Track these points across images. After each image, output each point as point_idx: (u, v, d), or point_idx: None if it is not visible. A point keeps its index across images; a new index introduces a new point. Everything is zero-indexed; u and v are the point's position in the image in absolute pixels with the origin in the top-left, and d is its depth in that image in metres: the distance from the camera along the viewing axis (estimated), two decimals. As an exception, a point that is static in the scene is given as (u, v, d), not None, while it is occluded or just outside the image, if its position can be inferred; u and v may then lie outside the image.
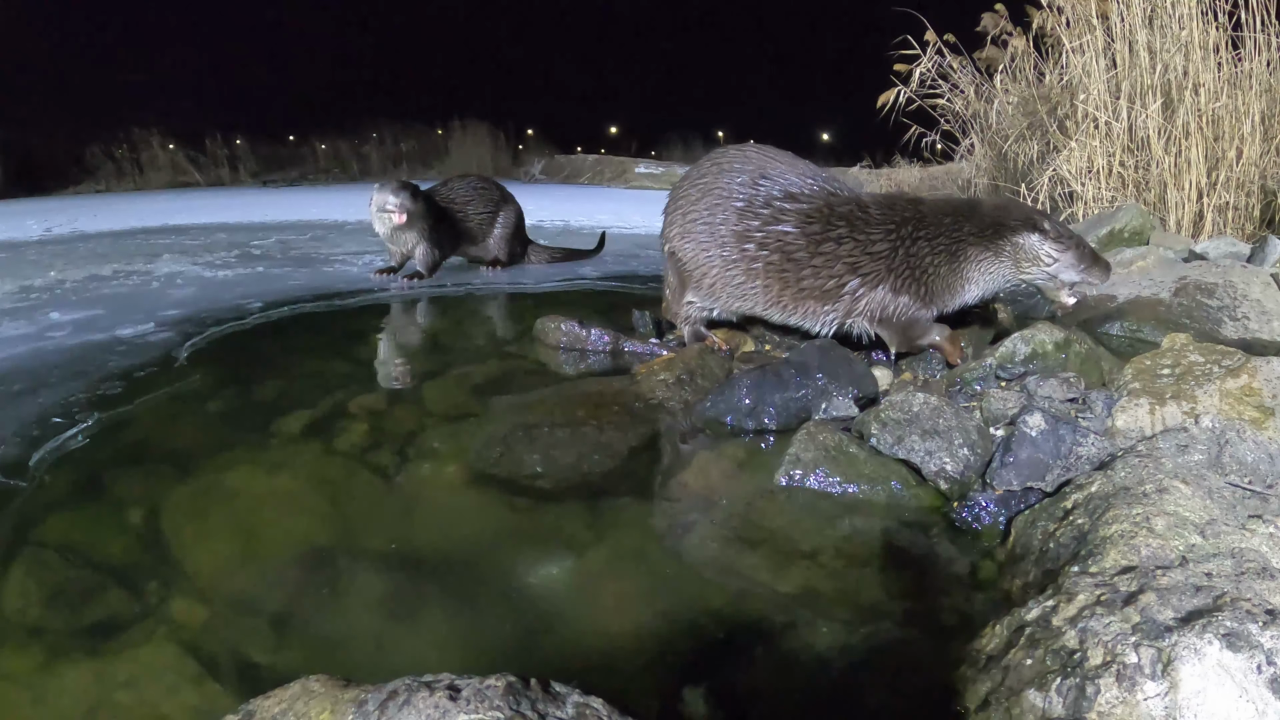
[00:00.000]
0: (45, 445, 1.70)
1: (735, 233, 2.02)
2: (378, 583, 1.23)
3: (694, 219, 2.10)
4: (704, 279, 2.12)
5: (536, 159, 15.85)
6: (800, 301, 2.00)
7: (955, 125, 4.66)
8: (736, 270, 2.05)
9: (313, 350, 2.54)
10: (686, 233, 2.13)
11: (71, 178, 12.36)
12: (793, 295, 2.00)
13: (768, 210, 1.98)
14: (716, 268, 2.08)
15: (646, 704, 0.96)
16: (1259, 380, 1.50)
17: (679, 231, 2.15)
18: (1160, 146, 3.43)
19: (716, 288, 2.11)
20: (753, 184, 2.01)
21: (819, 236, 1.94)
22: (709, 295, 2.15)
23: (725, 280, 2.08)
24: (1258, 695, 0.78)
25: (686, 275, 2.16)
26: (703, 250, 2.09)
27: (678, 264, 2.17)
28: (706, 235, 2.07)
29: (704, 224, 2.08)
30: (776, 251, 1.98)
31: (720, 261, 2.07)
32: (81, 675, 1.03)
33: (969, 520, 1.41)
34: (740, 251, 2.02)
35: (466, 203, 3.92)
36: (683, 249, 2.14)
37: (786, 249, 1.97)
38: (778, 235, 1.97)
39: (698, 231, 2.09)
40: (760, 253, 2.00)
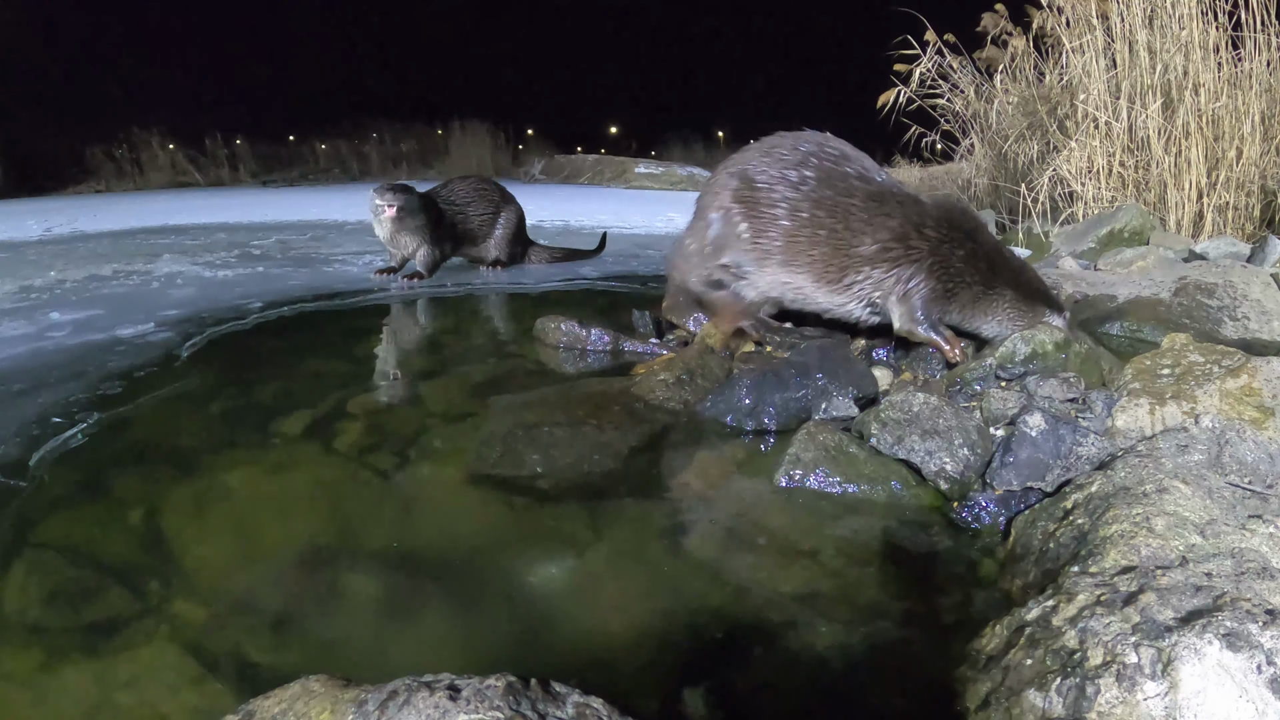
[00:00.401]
0: (45, 445, 1.70)
1: (812, 200, 2.06)
2: (378, 583, 1.23)
3: (766, 183, 2.11)
4: (764, 243, 2.11)
5: (536, 159, 15.85)
6: (845, 271, 2.03)
7: (955, 125, 4.66)
8: (802, 237, 2.07)
9: (313, 350, 2.54)
10: (755, 195, 2.12)
11: (71, 178, 12.37)
12: (840, 264, 2.03)
13: (844, 183, 2.06)
14: (782, 234, 2.09)
15: (646, 704, 0.96)
16: (1259, 380, 1.50)
17: (746, 195, 2.14)
18: (1160, 146, 3.43)
19: (775, 257, 2.11)
20: (837, 160, 2.09)
21: (879, 211, 2.02)
22: (760, 263, 2.14)
23: (787, 249, 2.09)
24: (1258, 695, 0.78)
25: (735, 235, 2.15)
26: (771, 214, 2.10)
27: (729, 222, 2.16)
28: (779, 200, 2.09)
29: (778, 190, 2.09)
30: (842, 220, 2.04)
31: (788, 226, 2.08)
32: (81, 675, 1.03)
33: (969, 520, 1.41)
34: (812, 218, 2.06)
35: (467, 204, 3.93)
36: (745, 211, 2.13)
37: (850, 219, 2.03)
38: (847, 206, 2.03)
39: (770, 195, 2.10)
40: (828, 220, 2.04)
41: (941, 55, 4.47)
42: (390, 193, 3.55)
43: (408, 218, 3.58)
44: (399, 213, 3.53)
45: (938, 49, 4.44)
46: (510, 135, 16.01)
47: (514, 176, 14.52)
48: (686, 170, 13.10)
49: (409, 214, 3.57)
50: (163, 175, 13.19)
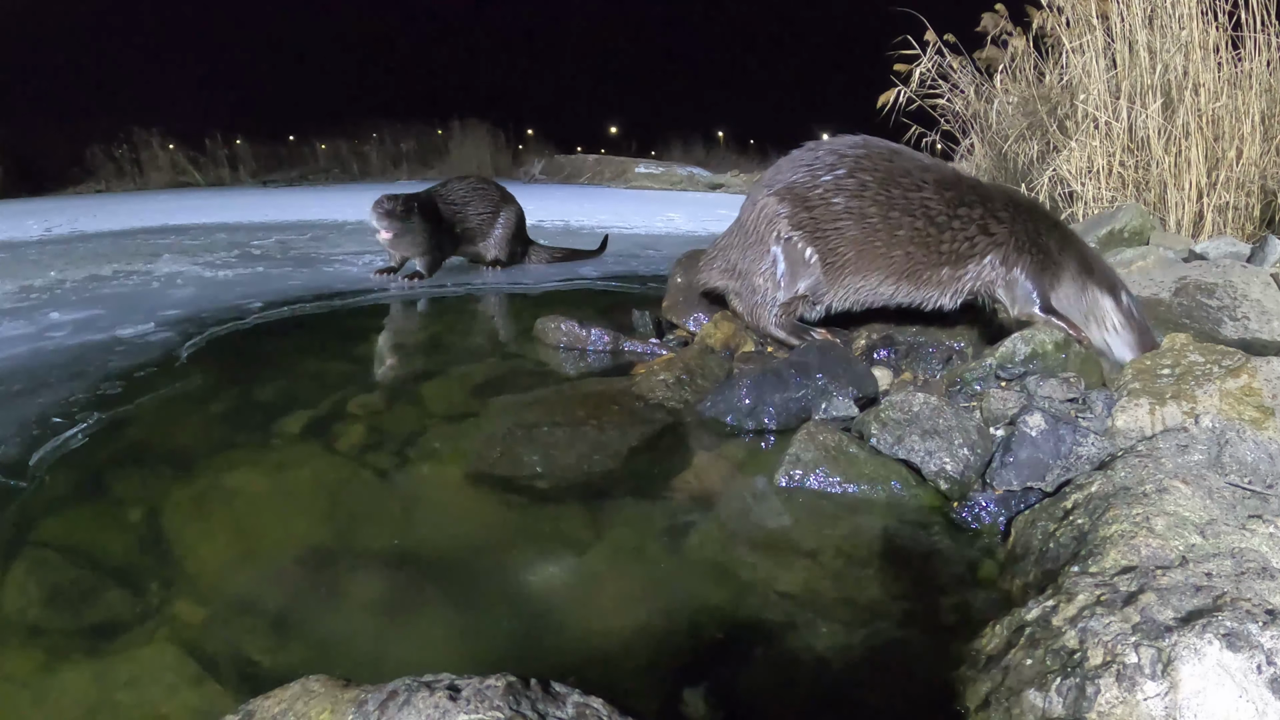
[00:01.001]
0: (45, 445, 1.70)
1: (879, 202, 1.98)
2: (378, 583, 1.23)
3: (821, 197, 2.03)
4: (834, 259, 2.04)
5: (536, 159, 15.86)
6: (936, 268, 1.99)
7: (955, 125, 4.66)
8: (878, 241, 2.00)
9: (313, 350, 2.54)
10: (813, 214, 2.03)
11: (71, 178, 12.38)
12: (931, 263, 1.99)
13: (908, 179, 1.99)
14: (852, 244, 2.01)
15: (646, 704, 0.96)
16: (1259, 380, 1.50)
17: (804, 216, 2.05)
18: (1160, 146, 3.43)
19: (847, 268, 2.04)
20: (889, 156, 2.02)
21: (955, 200, 1.97)
22: (832, 280, 2.07)
23: (861, 256, 2.02)
24: (1258, 695, 0.78)
25: (803, 263, 2.06)
26: (836, 228, 2.02)
27: (793, 251, 2.07)
28: (842, 212, 2.01)
29: (837, 201, 2.01)
30: (922, 217, 1.97)
31: (858, 235, 2.00)
32: (81, 675, 1.03)
33: (969, 520, 1.41)
34: (885, 221, 1.98)
35: (466, 203, 3.92)
36: (809, 232, 2.05)
37: (930, 213, 1.97)
38: (921, 201, 1.97)
39: (830, 209, 2.02)
40: (905, 219, 1.98)
41: (941, 55, 4.46)
42: (386, 217, 3.51)
43: (407, 230, 3.57)
44: (396, 234, 3.54)
45: (938, 49, 4.43)
46: (510, 135, 16.02)
47: (514, 176, 14.52)
48: (686, 170, 13.11)
49: (407, 227, 3.56)
50: (163, 175, 13.19)
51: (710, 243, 2.50)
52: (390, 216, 3.50)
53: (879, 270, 2.03)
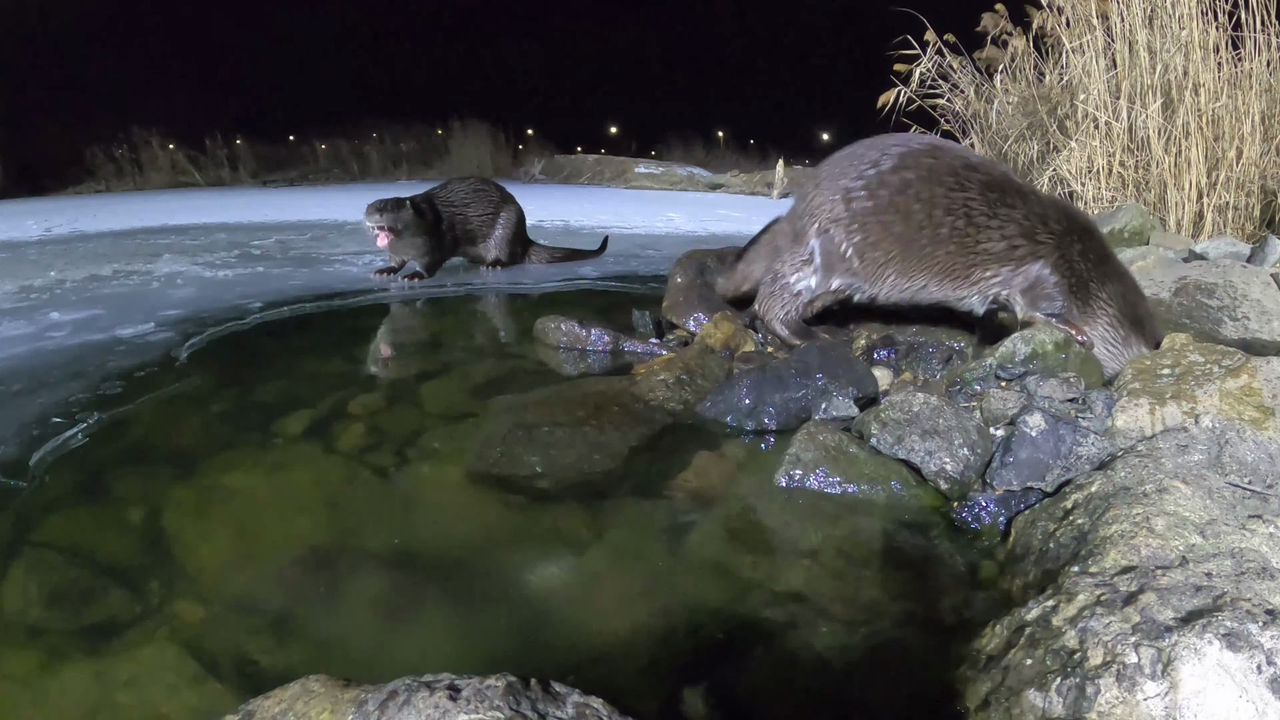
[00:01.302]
0: (45, 445, 1.70)
1: (924, 200, 1.97)
2: (378, 583, 1.23)
3: (864, 192, 2.02)
4: (875, 255, 2.02)
5: (536, 159, 15.85)
6: (972, 269, 1.98)
7: (955, 125, 4.66)
8: (922, 239, 1.98)
9: (313, 350, 2.54)
10: (852, 208, 2.02)
11: (71, 178, 12.37)
12: (967, 263, 1.98)
13: (953, 178, 1.98)
14: (895, 241, 2.00)
15: (646, 704, 0.96)
16: (1259, 380, 1.50)
17: (843, 211, 2.03)
18: (1160, 146, 3.43)
19: (890, 265, 2.02)
20: (933, 153, 2.01)
21: (997, 201, 1.97)
22: (871, 277, 2.04)
23: (904, 254, 2.00)
24: (1258, 695, 0.78)
25: (840, 257, 2.04)
26: (879, 222, 2.00)
27: (830, 246, 2.05)
28: (885, 207, 2.00)
29: (882, 194, 2.00)
30: (962, 217, 1.97)
31: (902, 232, 1.99)
32: (81, 675, 1.03)
33: (969, 520, 1.41)
34: (929, 219, 1.97)
35: (466, 204, 3.92)
36: (847, 227, 2.03)
37: (970, 214, 1.96)
38: (964, 201, 1.97)
39: (876, 203, 2.01)
40: (946, 218, 1.97)
41: (941, 55, 4.46)
42: (379, 215, 3.50)
43: (402, 232, 3.56)
44: (390, 235, 3.53)
45: (938, 49, 4.43)
46: (510, 135, 16.02)
47: (514, 177, 14.51)
48: (686, 170, 13.11)
49: (402, 230, 3.55)
50: (163, 175, 13.19)
51: (708, 243, 2.50)
52: (382, 214, 3.49)
53: (923, 269, 2.01)
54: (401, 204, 3.56)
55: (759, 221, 2.63)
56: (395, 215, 3.51)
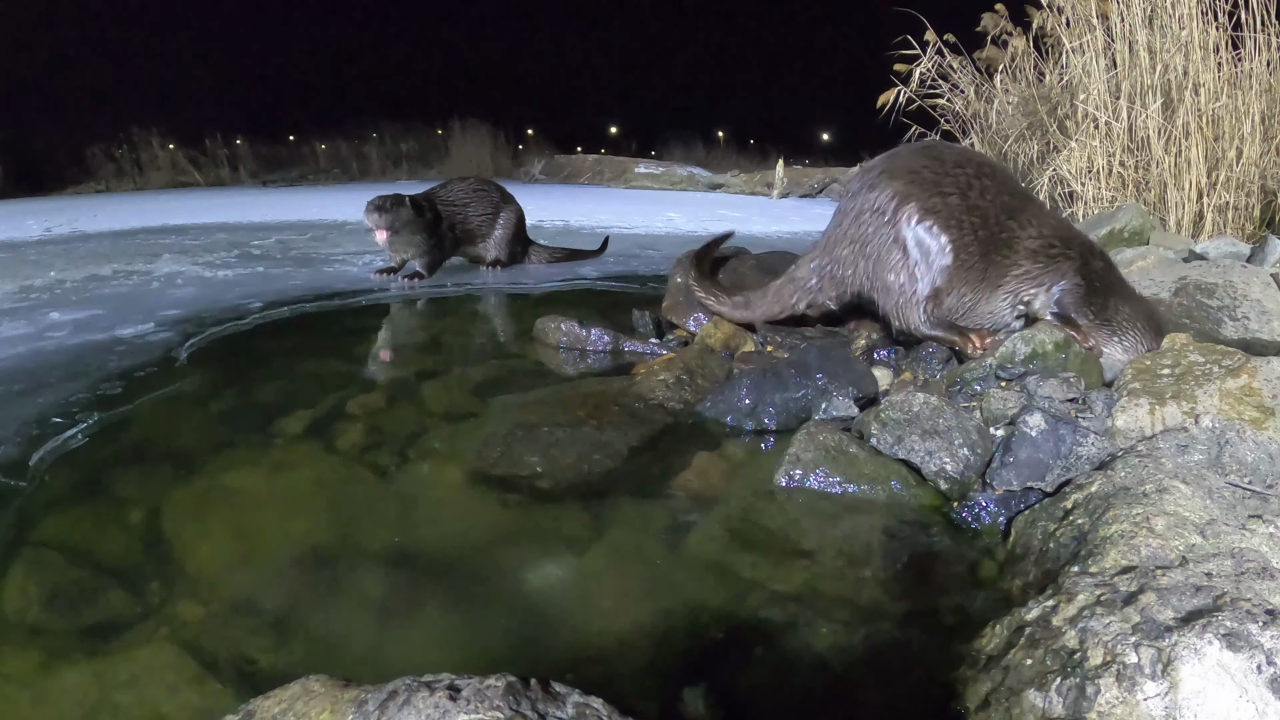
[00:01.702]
0: (45, 445, 1.70)
1: (1006, 207, 1.93)
2: (378, 583, 1.23)
3: (954, 187, 1.91)
4: (965, 258, 1.90)
5: (536, 159, 15.86)
6: (1007, 276, 1.95)
7: (955, 125, 4.66)
8: (1002, 249, 1.92)
9: (313, 350, 2.54)
10: (947, 201, 1.89)
11: (71, 178, 12.39)
12: (1000, 271, 1.94)
13: (1020, 194, 1.99)
14: (981, 246, 1.90)
15: (646, 704, 0.96)
16: (1259, 380, 1.50)
17: (937, 202, 1.89)
18: (1160, 146, 3.43)
19: (973, 271, 1.92)
20: (997, 163, 2.00)
21: (1034, 214, 1.98)
22: (953, 281, 1.92)
23: (985, 259, 1.92)
24: (1258, 695, 0.78)
25: (939, 251, 1.90)
26: (971, 222, 1.91)
27: (926, 238, 1.89)
28: (975, 207, 1.92)
29: (972, 194, 1.92)
30: (1011, 224, 1.95)
31: (987, 236, 1.91)
32: (81, 675, 1.03)
33: (969, 520, 1.41)
34: (1002, 226, 1.92)
35: (466, 204, 3.93)
36: (940, 220, 1.89)
37: (1020, 222, 1.95)
38: (1034, 213, 1.96)
39: (964, 201, 1.92)
40: (1009, 223, 1.94)
41: (941, 55, 4.46)
42: (377, 213, 3.50)
43: (401, 230, 3.56)
44: (389, 232, 3.53)
45: (938, 49, 4.44)
46: (510, 135, 16.03)
47: (514, 177, 14.51)
48: (686, 170, 13.11)
49: (400, 227, 3.55)
50: (163, 175, 13.20)
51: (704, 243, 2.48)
52: (381, 212, 3.49)
53: (998, 280, 1.94)
54: (400, 201, 3.56)
55: (759, 222, 2.63)
56: (394, 214, 3.51)
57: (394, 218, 3.51)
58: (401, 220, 3.53)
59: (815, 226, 6.53)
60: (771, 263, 2.85)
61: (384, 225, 3.50)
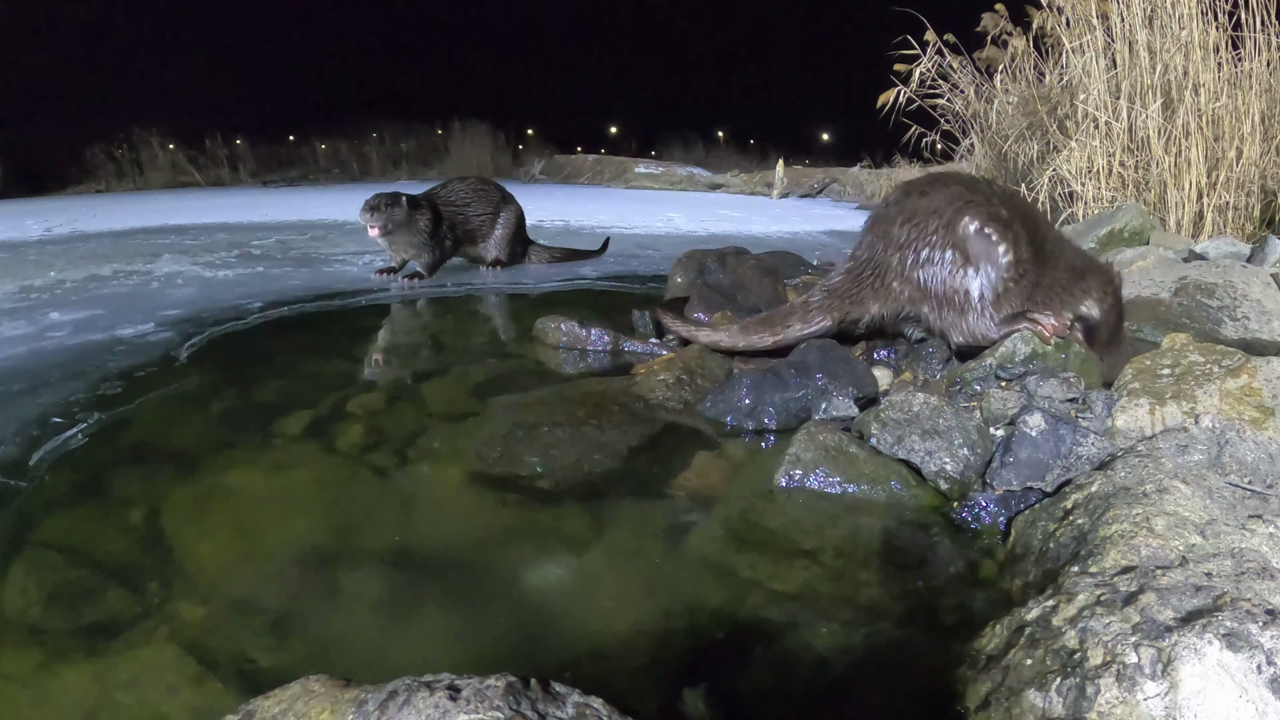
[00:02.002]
0: (45, 445, 1.70)
1: (1035, 223, 1.96)
2: (378, 583, 1.23)
3: (1001, 198, 1.92)
4: (1019, 270, 1.87)
5: (536, 159, 15.88)
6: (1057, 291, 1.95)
7: (955, 125, 4.66)
8: (1044, 259, 1.92)
9: (313, 350, 2.54)
10: (997, 209, 1.88)
11: (71, 178, 12.39)
12: (1057, 289, 1.95)
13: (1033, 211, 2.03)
14: (1028, 256, 1.88)
15: (646, 704, 0.96)
16: (1259, 380, 1.50)
17: (994, 210, 1.87)
18: (1160, 146, 3.43)
19: (1021, 283, 1.88)
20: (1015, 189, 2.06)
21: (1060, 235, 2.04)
22: (1014, 292, 1.87)
23: (1031, 273, 1.90)
24: (1258, 695, 0.78)
25: (998, 258, 1.85)
26: (1025, 230, 1.90)
27: (985, 243, 1.85)
28: (1022, 216, 1.93)
29: (1016, 205, 1.94)
30: (1061, 243, 2.02)
31: (1031, 251, 1.89)
32: (81, 675, 1.03)
33: (969, 520, 1.41)
34: (1043, 241, 1.94)
35: (466, 204, 3.93)
36: (999, 226, 1.86)
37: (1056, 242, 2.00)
38: (1055, 237, 2.00)
39: (1013, 209, 1.92)
40: (1047, 239, 1.97)
41: (941, 55, 4.47)
42: (371, 213, 3.48)
43: (397, 230, 3.55)
44: (382, 231, 3.52)
45: (938, 49, 4.44)
46: (510, 135, 16.05)
47: (514, 177, 14.53)
48: (686, 170, 13.12)
49: (396, 227, 3.55)
50: (163, 175, 13.21)
51: (708, 243, 2.48)
52: (375, 211, 3.48)
53: (1047, 293, 1.91)
54: (395, 201, 3.55)
55: (759, 222, 2.63)
56: (388, 214, 3.49)
57: (388, 218, 3.49)
58: (396, 220, 3.52)
59: (815, 226, 6.53)
60: (771, 263, 2.85)
61: (377, 225, 3.48)
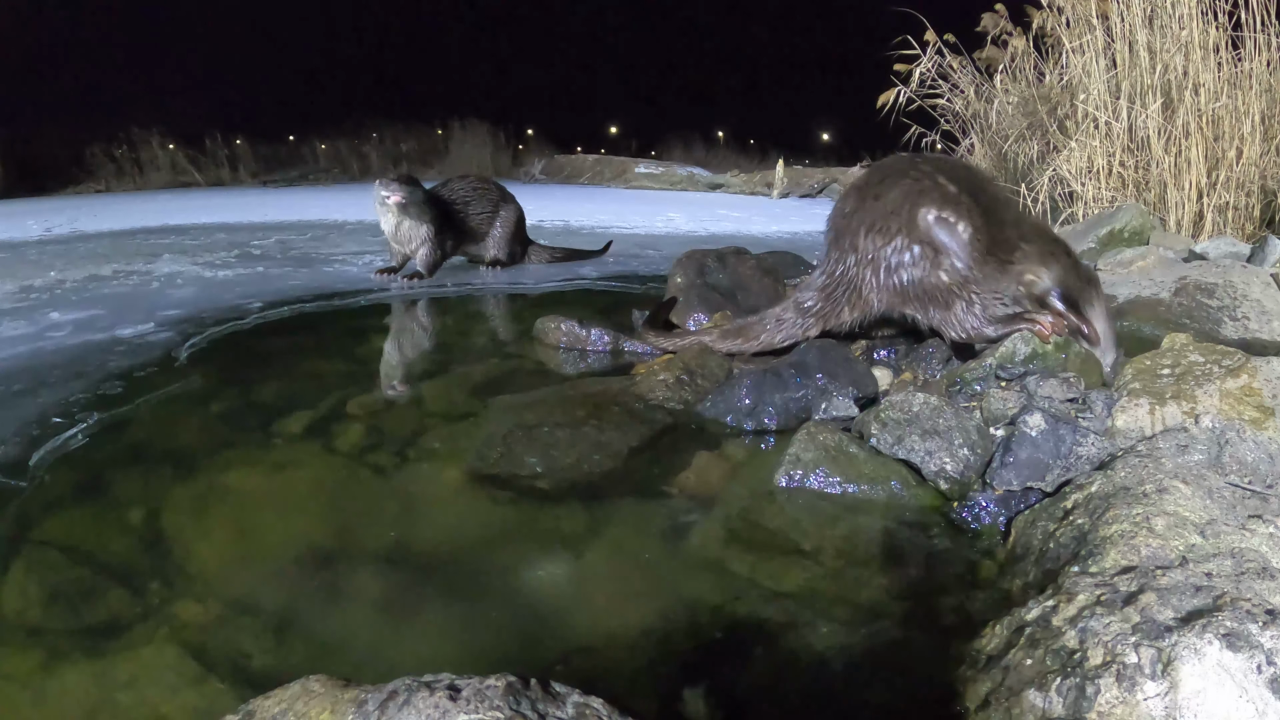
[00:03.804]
0: (45, 445, 1.70)
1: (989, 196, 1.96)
2: (378, 583, 1.23)
3: (950, 178, 1.90)
4: (978, 246, 1.85)
5: (536, 159, 15.87)
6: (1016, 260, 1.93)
7: (955, 125, 4.66)
8: (999, 230, 1.90)
9: (313, 350, 2.54)
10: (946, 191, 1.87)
11: (71, 178, 12.38)
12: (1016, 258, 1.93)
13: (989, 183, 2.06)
14: (984, 229, 1.88)
15: (646, 704, 0.96)
16: (1259, 380, 1.50)
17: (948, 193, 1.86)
18: (1160, 146, 3.43)
19: (985, 258, 1.88)
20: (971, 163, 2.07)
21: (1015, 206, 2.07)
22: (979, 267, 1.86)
23: (991, 246, 1.88)
24: (1258, 695, 0.78)
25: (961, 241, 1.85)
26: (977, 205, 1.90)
27: (947, 229, 1.84)
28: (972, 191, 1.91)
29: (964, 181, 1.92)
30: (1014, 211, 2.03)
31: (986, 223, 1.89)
32: (81, 675, 1.03)
33: (969, 520, 1.41)
34: (998, 212, 1.93)
35: (466, 203, 3.92)
36: (954, 210, 1.86)
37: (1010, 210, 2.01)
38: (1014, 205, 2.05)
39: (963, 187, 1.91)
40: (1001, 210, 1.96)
41: (941, 55, 4.46)
42: (395, 182, 3.53)
43: (413, 207, 3.57)
44: (404, 201, 3.52)
45: (938, 49, 4.44)
46: (510, 135, 16.04)
47: (514, 176, 14.52)
48: (686, 170, 13.11)
49: (414, 204, 3.56)
50: (163, 175, 13.20)
51: (708, 243, 2.48)
52: (400, 181, 3.52)
53: (1005, 263, 1.89)
54: (416, 182, 3.61)
55: (759, 222, 2.63)
56: (410, 189, 3.54)
57: (409, 192, 3.53)
58: (415, 199, 3.55)
59: (815, 226, 6.52)
60: (771, 263, 2.85)
61: (401, 194, 3.49)
